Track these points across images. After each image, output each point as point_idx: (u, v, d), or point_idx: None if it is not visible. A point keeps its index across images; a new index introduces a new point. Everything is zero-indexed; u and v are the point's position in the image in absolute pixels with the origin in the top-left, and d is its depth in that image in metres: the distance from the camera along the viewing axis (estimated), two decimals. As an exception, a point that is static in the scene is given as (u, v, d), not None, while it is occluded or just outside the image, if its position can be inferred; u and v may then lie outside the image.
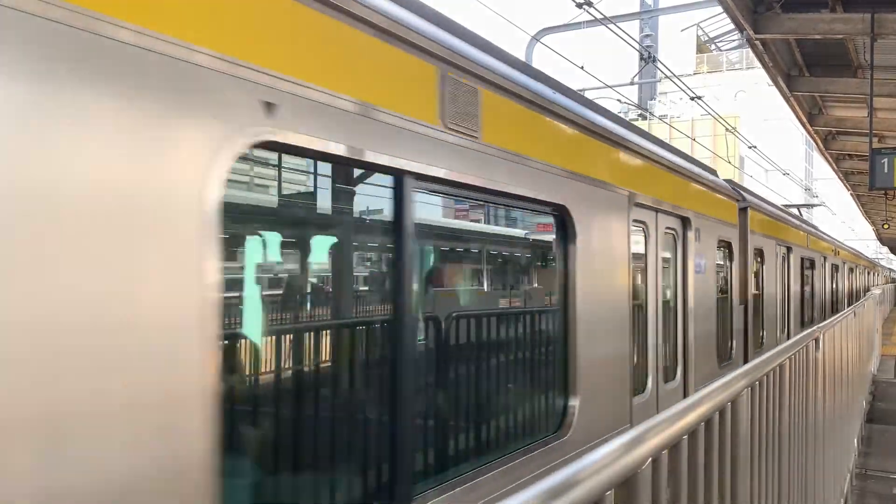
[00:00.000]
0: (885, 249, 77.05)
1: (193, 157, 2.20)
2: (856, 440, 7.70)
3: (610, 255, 4.86)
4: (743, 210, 9.62)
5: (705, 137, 45.49)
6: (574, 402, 4.38)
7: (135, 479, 1.95)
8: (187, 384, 2.13)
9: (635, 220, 5.36)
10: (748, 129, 51.94)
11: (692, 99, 15.97)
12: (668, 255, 6.31)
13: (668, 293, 6.42)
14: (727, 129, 21.98)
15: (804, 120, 17.63)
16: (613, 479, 1.27)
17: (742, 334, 9.26)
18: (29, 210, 1.77)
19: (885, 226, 37.30)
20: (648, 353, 5.75)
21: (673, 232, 6.29)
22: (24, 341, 1.75)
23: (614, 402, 4.89)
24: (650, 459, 1.48)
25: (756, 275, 10.35)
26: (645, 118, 53.73)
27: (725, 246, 8.50)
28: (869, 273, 36.69)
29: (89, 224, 1.90)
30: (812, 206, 32.14)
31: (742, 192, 10.15)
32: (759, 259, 10.45)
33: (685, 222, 6.46)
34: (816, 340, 4.14)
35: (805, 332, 3.96)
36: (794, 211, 19.46)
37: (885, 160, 10.59)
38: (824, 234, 19.73)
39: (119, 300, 1.97)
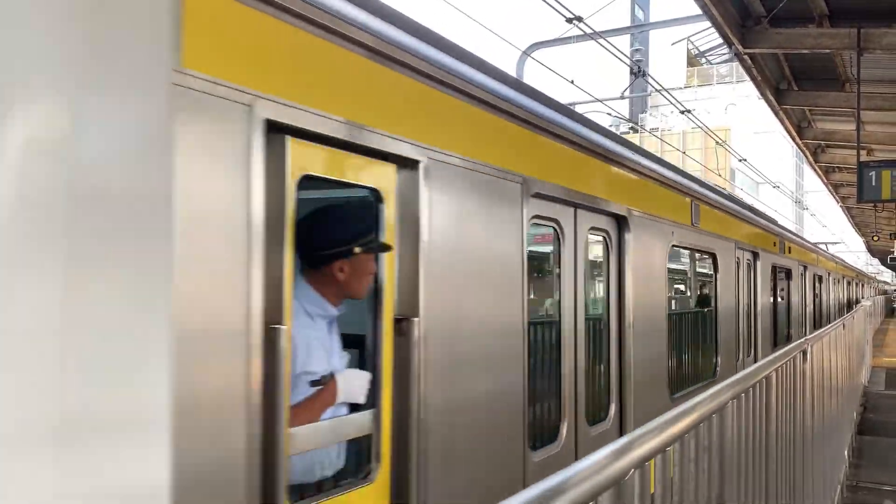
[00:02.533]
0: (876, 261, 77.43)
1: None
2: (846, 452, 7.74)
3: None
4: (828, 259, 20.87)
5: (696, 150, 45.76)
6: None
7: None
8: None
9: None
10: (739, 141, 52.26)
11: (682, 112, 16.11)
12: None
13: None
14: (717, 143, 22.14)
15: (793, 133, 17.81)
16: (600, 488, 1.32)
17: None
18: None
19: (875, 238, 37.57)
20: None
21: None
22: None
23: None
24: (637, 468, 1.52)
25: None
26: (636, 131, 54.06)
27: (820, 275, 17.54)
28: (870, 285, 49.19)
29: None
30: (835, 243, 40.03)
31: (833, 256, 22.72)
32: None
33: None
34: (804, 352, 4.19)
35: (793, 344, 4.01)
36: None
37: (873, 173, 10.70)
38: (850, 264, 33.07)
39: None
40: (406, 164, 2.90)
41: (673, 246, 6.29)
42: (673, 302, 6.64)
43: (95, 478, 0.87)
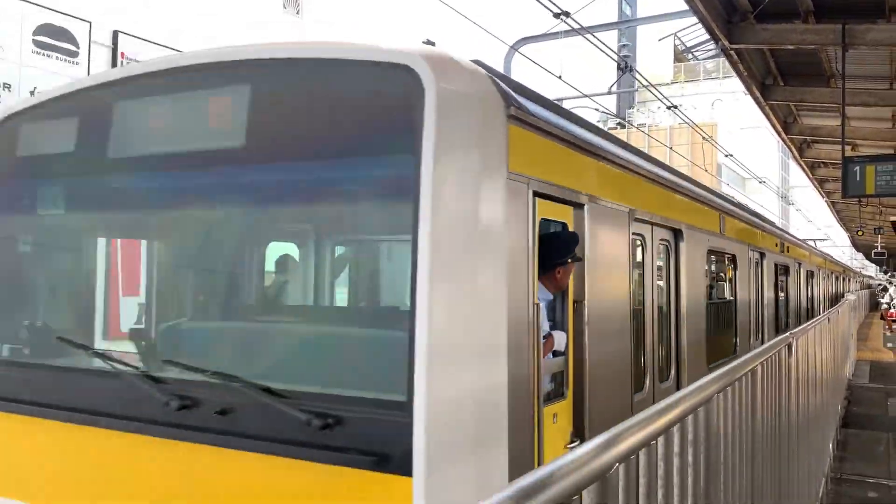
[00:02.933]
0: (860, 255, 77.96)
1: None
2: (831, 445, 7.79)
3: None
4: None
5: (683, 146, 45.86)
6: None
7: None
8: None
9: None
10: (725, 137, 52.42)
11: (669, 108, 16.14)
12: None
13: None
14: (704, 138, 22.22)
15: (779, 128, 17.89)
16: (587, 480, 1.32)
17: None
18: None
19: (860, 233, 37.82)
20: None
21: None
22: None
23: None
24: (622, 462, 1.52)
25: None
26: (623, 127, 54.07)
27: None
28: (855, 280, 49.79)
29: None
30: (822, 240, 44.45)
31: (822, 253, 25.97)
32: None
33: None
34: (789, 346, 4.22)
35: (778, 338, 4.04)
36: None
37: (858, 168, 10.77)
38: (837, 260, 36.72)
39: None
40: (577, 206, 4.58)
41: (708, 250, 8.02)
42: (707, 293, 8.31)
43: (481, 377, 3.09)
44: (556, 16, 11.40)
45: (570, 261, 4.47)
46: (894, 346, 22.46)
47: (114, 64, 14.17)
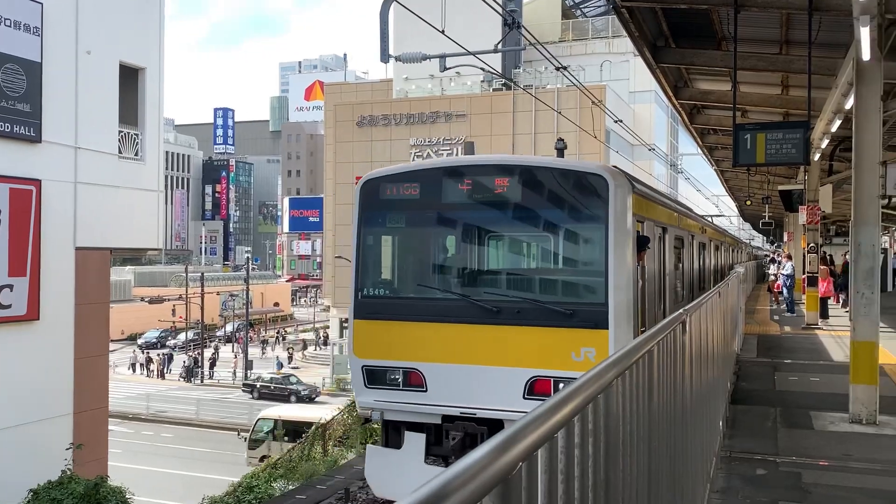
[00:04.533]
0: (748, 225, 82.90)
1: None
2: (721, 422, 8.23)
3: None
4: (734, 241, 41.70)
5: (571, 110, 47.00)
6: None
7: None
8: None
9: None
10: (614, 102, 54.12)
11: (557, 69, 16.42)
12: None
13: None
14: (593, 102, 22.83)
15: (670, 93, 18.61)
16: (488, 485, 1.29)
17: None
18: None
19: (748, 202, 40.08)
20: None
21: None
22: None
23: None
24: (525, 461, 1.51)
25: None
26: (509, 88, 54.74)
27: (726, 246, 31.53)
28: (745, 251, 57.36)
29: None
30: (718, 216, 55.10)
31: (724, 230, 37.89)
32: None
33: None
34: (683, 324, 4.39)
35: (672, 316, 4.19)
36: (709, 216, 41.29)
37: (749, 136, 11.34)
38: (734, 235, 49.14)
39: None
40: (641, 222, 10.34)
41: (674, 236, 13.62)
42: (676, 263, 14.60)
43: (626, 295, 9.28)
44: (439, -36, 11.33)
45: (646, 248, 10.04)
46: (780, 319, 24.08)
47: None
